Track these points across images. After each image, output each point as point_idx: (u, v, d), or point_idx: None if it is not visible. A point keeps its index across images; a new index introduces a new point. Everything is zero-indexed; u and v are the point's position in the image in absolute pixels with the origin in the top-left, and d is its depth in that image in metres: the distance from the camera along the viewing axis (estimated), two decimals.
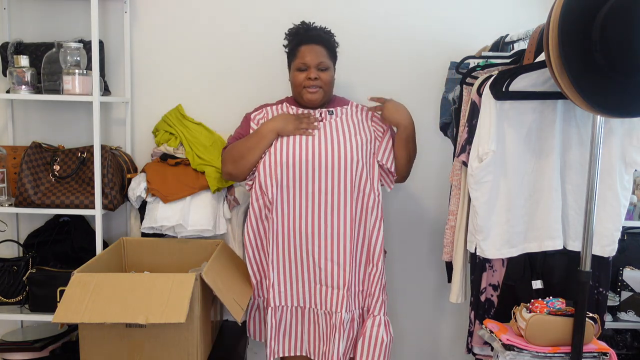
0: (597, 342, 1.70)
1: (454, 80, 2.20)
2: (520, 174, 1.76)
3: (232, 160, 2.01)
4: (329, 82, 2.01)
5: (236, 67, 2.41)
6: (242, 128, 2.10)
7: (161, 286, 1.74)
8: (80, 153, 2.19)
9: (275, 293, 1.99)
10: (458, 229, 1.91)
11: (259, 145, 1.96)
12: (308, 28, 2.05)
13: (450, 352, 2.60)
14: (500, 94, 1.67)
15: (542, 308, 1.68)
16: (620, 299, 2.21)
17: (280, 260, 1.98)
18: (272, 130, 1.95)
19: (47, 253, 2.26)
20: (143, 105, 2.41)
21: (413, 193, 2.50)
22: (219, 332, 2.20)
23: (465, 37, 2.39)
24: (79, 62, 2.10)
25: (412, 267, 2.54)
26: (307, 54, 1.98)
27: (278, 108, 2.09)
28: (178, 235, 2.18)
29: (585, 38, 1.40)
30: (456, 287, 1.92)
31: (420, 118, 2.44)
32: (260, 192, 1.97)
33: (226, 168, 2.04)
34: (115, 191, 2.15)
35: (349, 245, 1.94)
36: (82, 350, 1.81)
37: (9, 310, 2.13)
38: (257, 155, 1.97)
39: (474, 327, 1.90)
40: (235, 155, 2.00)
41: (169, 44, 2.39)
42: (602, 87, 1.43)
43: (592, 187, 1.60)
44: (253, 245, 2.03)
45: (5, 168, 2.21)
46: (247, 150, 1.97)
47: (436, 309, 2.57)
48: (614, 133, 1.73)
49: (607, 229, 1.76)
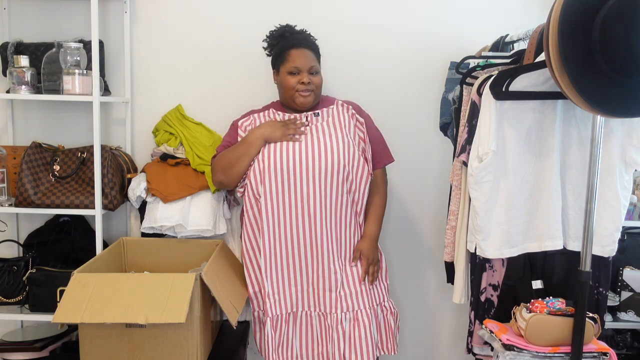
0: (597, 342, 1.70)
1: (454, 80, 2.20)
2: (520, 174, 1.76)
3: (221, 170, 2.03)
4: (320, 86, 2.04)
5: (236, 67, 2.41)
6: (229, 136, 2.11)
7: (161, 286, 1.74)
8: (80, 153, 2.19)
9: (270, 303, 1.99)
10: (459, 229, 1.91)
11: (247, 153, 1.98)
12: (294, 31, 2.06)
13: (450, 352, 2.60)
14: (500, 94, 1.67)
15: (542, 308, 1.68)
16: (620, 299, 2.20)
17: (272, 267, 1.98)
18: (260, 137, 1.97)
19: (47, 253, 2.26)
20: (143, 105, 2.41)
21: (413, 193, 2.50)
22: (219, 332, 2.20)
23: (465, 37, 2.39)
24: (79, 62, 2.10)
25: (412, 267, 2.54)
26: (298, 58, 1.99)
27: (265, 114, 2.10)
28: (178, 235, 2.18)
29: (585, 38, 1.40)
30: (459, 287, 1.92)
31: (420, 118, 2.46)
32: (254, 199, 1.98)
33: (217, 177, 2.06)
34: (115, 191, 2.15)
35: (337, 247, 1.95)
36: (82, 350, 1.81)
37: (9, 310, 2.13)
38: (246, 163, 1.99)
39: (474, 327, 1.90)
40: (225, 165, 2.01)
41: (169, 44, 2.39)
42: (602, 87, 1.43)
43: (592, 187, 1.60)
44: (250, 254, 2.03)
45: (5, 168, 2.21)
46: (236, 159, 1.99)
47: (436, 309, 2.57)
48: (614, 133, 1.73)
49: (607, 229, 1.76)
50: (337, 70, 2.37)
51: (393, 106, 2.43)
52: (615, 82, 1.42)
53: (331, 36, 2.21)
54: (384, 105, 2.41)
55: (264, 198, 1.93)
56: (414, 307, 2.56)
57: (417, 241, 2.53)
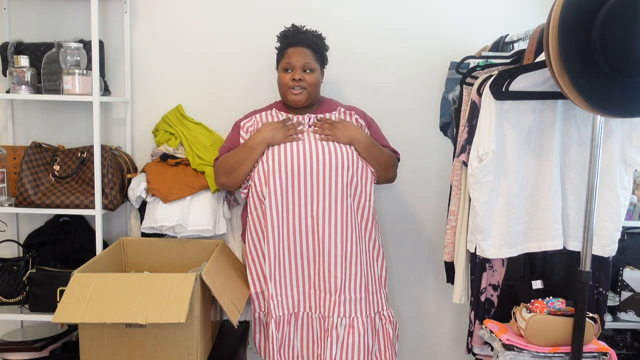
0: (597, 342, 1.70)
1: (454, 80, 2.20)
2: (520, 174, 1.76)
3: (224, 172, 2.03)
4: (313, 84, 2.03)
5: (236, 66, 2.41)
6: (231, 137, 2.11)
7: (161, 286, 1.74)
8: (80, 153, 2.19)
9: (274, 304, 1.98)
10: (459, 229, 1.91)
11: (250, 157, 1.98)
12: (297, 31, 2.07)
13: (450, 352, 2.60)
14: (500, 94, 1.67)
15: (542, 308, 1.68)
16: (620, 299, 2.20)
17: (276, 268, 1.98)
18: (262, 142, 1.97)
19: (47, 253, 2.26)
20: (143, 105, 2.41)
21: (413, 193, 2.50)
22: (219, 332, 2.20)
23: (465, 37, 2.39)
24: (79, 62, 2.10)
25: (412, 267, 2.54)
26: (292, 55, 2.01)
27: (267, 115, 2.10)
28: (178, 235, 2.18)
29: (585, 38, 1.40)
30: (459, 287, 1.92)
31: (420, 118, 2.45)
32: (259, 201, 1.98)
33: (220, 179, 2.06)
34: (115, 191, 2.15)
35: (340, 251, 1.94)
36: (82, 350, 1.81)
37: (9, 310, 2.13)
38: (249, 167, 1.99)
39: (474, 327, 1.90)
40: (227, 168, 2.02)
41: (169, 44, 2.39)
42: (602, 87, 1.43)
43: (592, 187, 1.60)
44: (253, 255, 2.03)
45: (5, 168, 2.20)
46: (238, 163, 2.00)
47: (436, 309, 2.57)
48: (614, 133, 1.73)
49: (607, 229, 1.76)
50: (337, 70, 2.37)
51: (393, 106, 2.43)
52: (615, 82, 1.42)
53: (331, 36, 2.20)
54: (383, 105, 2.41)
55: (268, 200, 1.93)
56: (414, 307, 2.56)
57: (417, 241, 2.53)
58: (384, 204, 2.49)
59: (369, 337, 2.01)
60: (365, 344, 1.98)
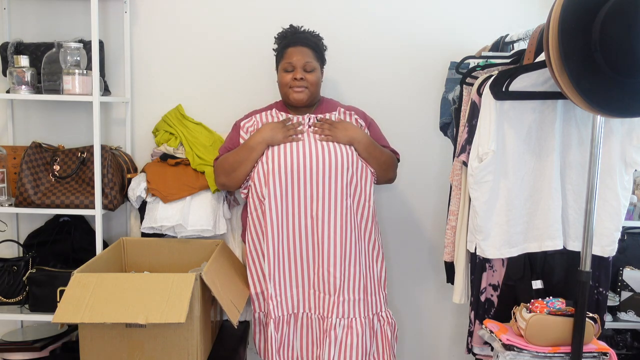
0: (597, 342, 1.70)
1: (454, 80, 2.20)
2: (520, 174, 1.76)
3: (224, 173, 2.04)
4: (314, 83, 2.04)
5: (236, 67, 2.41)
6: (231, 137, 2.11)
7: (161, 286, 1.74)
8: (80, 153, 2.19)
9: (273, 304, 1.99)
10: (459, 229, 1.91)
11: (250, 157, 1.98)
12: (296, 31, 2.08)
13: (450, 352, 2.60)
14: (500, 94, 1.67)
15: (542, 308, 1.68)
16: (620, 299, 2.20)
17: (276, 268, 1.98)
18: (262, 142, 1.97)
19: (47, 253, 2.26)
20: (143, 105, 2.41)
21: (413, 193, 2.50)
22: (219, 332, 2.20)
23: (465, 37, 2.39)
24: (79, 62, 2.10)
25: (412, 267, 2.54)
26: (293, 55, 2.01)
27: (267, 115, 2.10)
28: (178, 235, 2.18)
29: (585, 38, 1.40)
30: (459, 287, 1.92)
31: (420, 118, 2.46)
32: (259, 201, 1.98)
33: (220, 179, 2.07)
34: (115, 191, 2.15)
35: (340, 252, 1.94)
36: (82, 350, 1.81)
37: (9, 310, 2.13)
38: (249, 167, 2.00)
39: (474, 327, 1.90)
40: (227, 168, 2.02)
41: (169, 44, 2.39)
42: (602, 87, 1.42)
43: (592, 187, 1.60)
44: (253, 255, 2.03)
45: (5, 168, 2.21)
46: (238, 163, 2.00)
47: (436, 309, 2.57)
48: (614, 133, 1.73)
49: (607, 229, 1.76)
50: (337, 70, 2.37)
51: (393, 106, 2.43)
52: (615, 82, 1.42)
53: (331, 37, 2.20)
54: (383, 105, 2.41)
55: (268, 200, 1.93)
56: (414, 307, 2.56)
57: (417, 241, 2.53)
58: (384, 204, 2.49)
59: (367, 339, 2.01)
60: (363, 345, 1.98)
